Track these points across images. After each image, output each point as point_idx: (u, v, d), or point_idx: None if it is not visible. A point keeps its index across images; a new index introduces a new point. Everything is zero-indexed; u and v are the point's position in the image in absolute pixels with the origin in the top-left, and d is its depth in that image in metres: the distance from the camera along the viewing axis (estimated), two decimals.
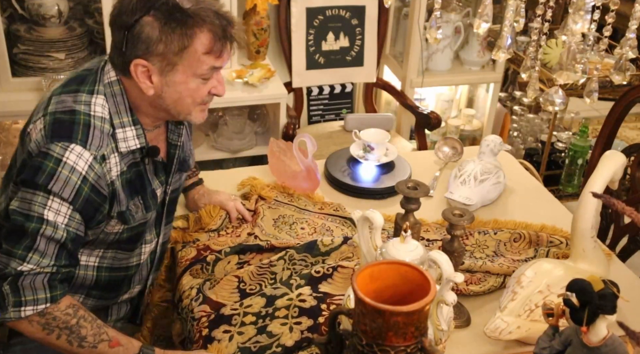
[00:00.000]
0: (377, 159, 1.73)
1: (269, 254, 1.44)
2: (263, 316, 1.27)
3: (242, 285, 1.36)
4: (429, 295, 0.86)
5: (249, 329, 1.25)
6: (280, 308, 1.28)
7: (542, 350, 1.02)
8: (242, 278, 1.37)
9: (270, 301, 1.30)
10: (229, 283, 1.36)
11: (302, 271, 1.38)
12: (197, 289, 1.35)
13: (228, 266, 1.41)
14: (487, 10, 1.07)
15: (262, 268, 1.39)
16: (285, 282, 1.35)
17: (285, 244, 1.45)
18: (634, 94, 1.80)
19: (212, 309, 1.30)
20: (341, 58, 2.74)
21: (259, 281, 1.37)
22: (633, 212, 0.99)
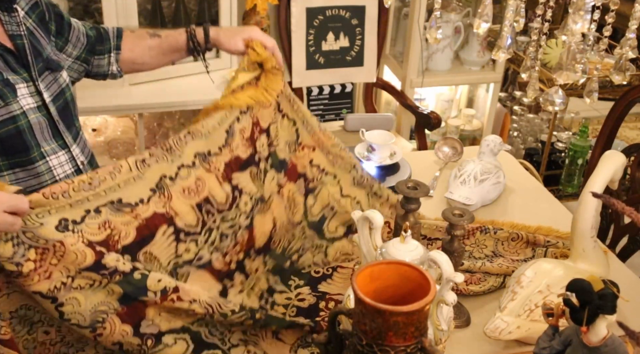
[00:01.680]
0: (380, 160, 1.73)
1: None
2: (265, 301, 1.26)
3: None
4: (429, 295, 0.86)
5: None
6: (278, 305, 1.27)
7: (542, 350, 1.02)
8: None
9: (271, 291, 1.28)
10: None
11: (304, 263, 1.35)
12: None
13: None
14: (487, 10, 1.07)
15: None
16: (284, 281, 1.33)
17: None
18: (634, 94, 1.80)
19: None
20: (341, 58, 2.75)
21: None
22: (633, 212, 0.99)
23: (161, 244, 1.12)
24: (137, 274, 1.06)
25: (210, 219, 1.19)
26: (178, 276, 1.14)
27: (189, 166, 1.17)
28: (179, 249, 1.14)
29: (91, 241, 1.02)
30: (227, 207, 1.22)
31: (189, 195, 1.16)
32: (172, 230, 1.13)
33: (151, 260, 1.10)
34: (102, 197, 1.05)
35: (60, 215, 1.00)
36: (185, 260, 1.15)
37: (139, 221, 1.09)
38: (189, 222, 1.16)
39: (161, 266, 1.12)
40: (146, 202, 1.10)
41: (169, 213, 1.12)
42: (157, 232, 1.11)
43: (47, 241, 0.98)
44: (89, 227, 1.03)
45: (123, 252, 1.06)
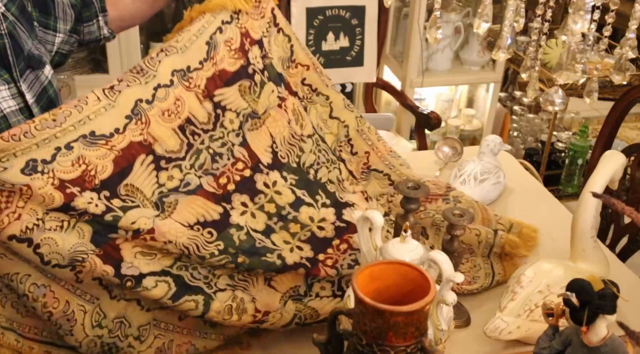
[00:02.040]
0: None
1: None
2: (279, 218, 1.16)
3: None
4: (429, 295, 0.86)
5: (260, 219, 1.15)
6: (297, 223, 1.17)
7: (542, 350, 1.02)
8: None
9: (297, 204, 1.18)
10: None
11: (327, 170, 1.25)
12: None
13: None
14: (487, 10, 1.07)
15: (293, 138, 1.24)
16: (311, 194, 1.21)
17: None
18: (634, 94, 1.80)
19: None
20: (341, 58, 2.75)
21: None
22: (633, 212, 0.99)
23: (140, 175, 1.03)
24: (108, 216, 0.99)
25: (197, 140, 1.10)
26: (165, 205, 1.06)
27: (166, 86, 1.07)
28: (161, 178, 1.06)
29: (63, 181, 0.95)
30: (211, 127, 1.12)
31: (169, 117, 1.07)
32: (151, 158, 1.05)
33: (134, 192, 1.03)
34: (72, 132, 0.97)
35: (28, 156, 0.93)
36: (171, 188, 1.07)
37: (115, 153, 1.00)
38: (171, 147, 1.07)
39: (145, 198, 1.04)
40: (122, 132, 1.01)
41: (147, 140, 1.04)
42: (135, 163, 1.03)
43: (13, 185, 0.92)
44: (61, 165, 0.95)
45: (101, 188, 0.99)
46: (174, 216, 1.06)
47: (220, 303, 1.09)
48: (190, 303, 1.07)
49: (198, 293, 1.08)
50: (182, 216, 1.06)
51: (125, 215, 1.00)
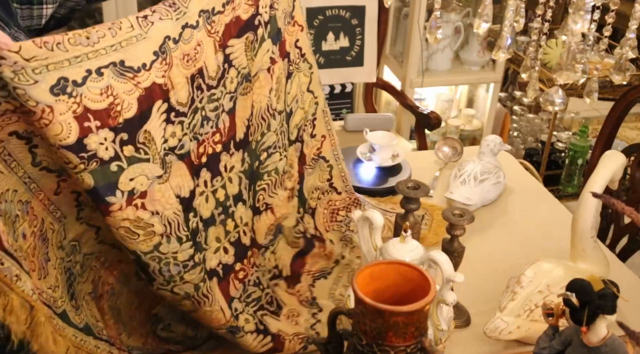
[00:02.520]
0: (380, 161, 1.73)
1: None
2: (223, 209, 1.12)
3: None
4: (429, 295, 0.86)
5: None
6: (233, 219, 1.13)
7: (542, 350, 1.02)
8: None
9: (237, 199, 1.14)
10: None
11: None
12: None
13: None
14: (487, 10, 1.07)
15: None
16: (249, 188, 1.17)
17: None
18: (634, 94, 1.80)
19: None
20: (341, 58, 2.75)
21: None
22: (633, 212, 0.99)
23: (155, 123, 0.98)
24: (114, 165, 0.92)
25: (199, 98, 1.05)
26: (166, 165, 1.00)
27: (192, 26, 1.01)
28: (167, 132, 1.00)
29: (88, 109, 0.89)
30: (215, 83, 1.07)
31: (187, 64, 1.01)
32: (165, 107, 0.99)
33: (150, 142, 0.97)
34: (103, 56, 0.90)
35: (60, 73, 0.86)
36: (171, 147, 1.01)
37: (140, 91, 0.94)
38: (181, 98, 1.01)
39: (157, 151, 0.98)
40: (148, 68, 0.96)
41: (166, 85, 0.98)
42: (153, 108, 0.97)
43: (36, 103, 0.84)
44: (90, 91, 0.89)
45: (122, 129, 0.92)
46: (171, 180, 1.00)
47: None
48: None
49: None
50: (173, 183, 1.01)
51: (128, 168, 0.93)
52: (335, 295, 1.31)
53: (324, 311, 1.26)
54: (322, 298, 1.29)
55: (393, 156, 1.75)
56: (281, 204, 1.25)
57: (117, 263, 1.11)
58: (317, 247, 1.32)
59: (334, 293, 1.32)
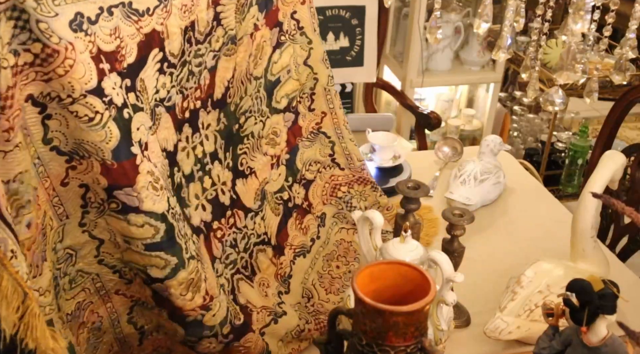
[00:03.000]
0: (381, 161, 1.73)
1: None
2: (201, 166, 1.10)
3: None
4: (429, 295, 0.86)
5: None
6: (210, 176, 1.12)
7: (542, 350, 1.02)
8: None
9: (213, 157, 1.12)
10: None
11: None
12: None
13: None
14: (487, 10, 1.07)
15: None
16: (226, 148, 1.16)
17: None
18: (634, 94, 1.80)
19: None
20: (341, 58, 2.75)
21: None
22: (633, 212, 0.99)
23: (150, 71, 0.95)
24: (125, 112, 0.88)
25: (188, 51, 1.03)
26: (155, 116, 0.98)
27: None
28: (159, 82, 0.97)
29: (101, 51, 0.85)
30: (202, 39, 1.05)
31: (183, 14, 0.99)
32: (160, 56, 0.96)
33: (144, 90, 0.94)
34: None
35: (77, 7, 0.82)
36: (161, 98, 0.99)
37: (141, 36, 0.92)
38: (173, 49, 0.99)
39: (148, 101, 0.95)
40: (151, 13, 0.93)
41: (164, 33, 0.96)
42: (150, 56, 0.94)
43: (59, 40, 0.79)
44: (102, 31, 0.85)
45: (126, 75, 0.90)
46: (158, 132, 0.98)
47: (187, 273, 0.98)
48: (160, 260, 0.95)
49: (175, 255, 0.96)
50: (160, 136, 0.99)
51: (135, 116, 0.90)
52: (307, 283, 1.30)
53: (290, 296, 1.25)
54: (295, 280, 1.28)
55: (394, 157, 1.75)
56: (262, 168, 1.23)
57: (114, 294, 1.03)
58: (293, 217, 1.30)
59: (307, 279, 1.30)
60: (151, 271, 0.96)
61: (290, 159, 1.32)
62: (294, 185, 1.33)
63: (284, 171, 1.30)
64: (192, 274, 0.98)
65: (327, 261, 1.37)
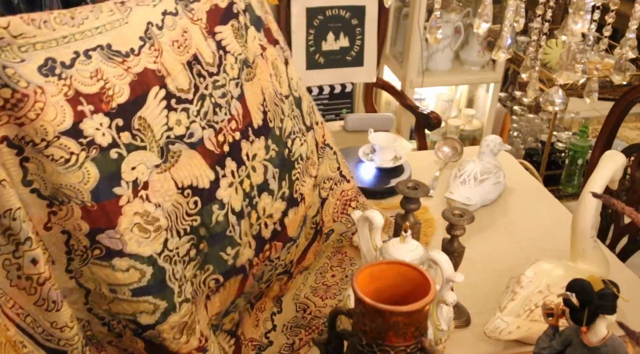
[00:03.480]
0: (381, 162, 1.73)
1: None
2: (249, 200, 1.07)
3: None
4: (429, 295, 0.86)
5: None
6: (256, 211, 1.09)
7: (542, 350, 1.02)
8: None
9: (261, 189, 1.09)
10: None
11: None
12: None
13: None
14: (487, 10, 1.07)
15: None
16: (281, 177, 1.13)
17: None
18: (634, 94, 1.80)
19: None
20: (341, 58, 2.75)
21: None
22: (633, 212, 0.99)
23: (153, 110, 0.94)
24: (113, 152, 0.88)
25: (202, 84, 1.01)
26: (169, 153, 0.96)
27: (172, 14, 0.99)
28: (170, 120, 0.96)
29: (80, 93, 0.85)
30: (215, 70, 1.03)
31: (178, 49, 0.98)
32: (163, 93, 0.95)
33: (145, 129, 0.92)
34: (90, 38, 0.88)
35: (47, 53, 0.83)
36: (177, 135, 0.96)
37: (131, 76, 0.91)
38: (181, 85, 0.98)
39: (154, 139, 0.93)
40: (137, 53, 0.93)
41: (161, 71, 0.95)
42: (149, 94, 0.93)
43: (28, 84, 0.80)
44: (80, 74, 0.86)
45: (117, 114, 0.89)
46: (175, 169, 0.96)
47: (179, 317, 0.96)
48: (148, 306, 0.93)
49: (165, 299, 0.94)
50: (181, 173, 0.97)
51: (128, 156, 0.89)
52: (299, 297, 1.26)
53: (283, 315, 1.22)
54: (287, 298, 1.24)
55: (395, 158, 1.75)
56: (309, 193, 1.20)
57: (107, 344, 0.99)
58: (317, 240, 1.28)
59: (299, 294, 1.26)
60: (141, 318, 0.93)
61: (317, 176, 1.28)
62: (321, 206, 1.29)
63: (318, 191, 1.26)
64: (185, 317, 0.97)
65: (321, 273, 1.34)
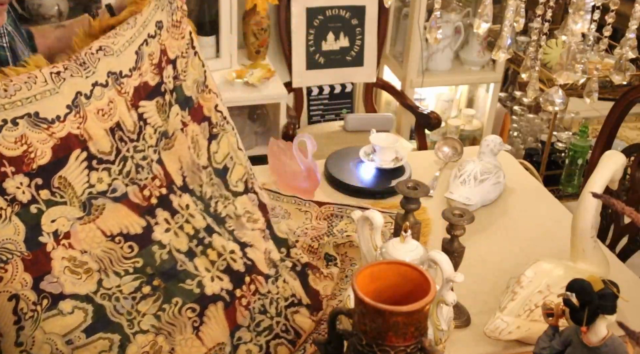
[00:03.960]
0: (381, 163, 1.73)
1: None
2: (198, 241, 1.18)
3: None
4: (429, 295, 0.86)
5: (182, 241, 1.16)
6: (214, 249, 1.19)
7: (542, 350, 1.02)
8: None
9: (209, 230, 1.20)
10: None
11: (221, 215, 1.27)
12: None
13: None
14: (487, 10, 1.07)
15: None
16: (219, 224, 1.24)
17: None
18: (634, 94, 1.80)
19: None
20: (341, 58, 2.75)
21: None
22: (633, 212, 0.99)
23: (74, 170, 1.04)
24: (33, 207, 0.98)
25: (124, 147, 1.11)
26: (92, 208, 1.06)
27: (102, 85, 1.09)
28: (92, 178, 1.06)
29: (3, 156, 0.95)
30: (135, 137, 1.13)
31: (102, 117, 1.08)
32: (85, 155, 1.05)
33: (65, 187, 1.03)
34: (19, 108, 0.97)
35: None
36: (100, 191, 1.07)
37: (54, 140, 1.01)
38: (103, 148, 1.07)
39: (75, 195, 1.04)
40: (62, 120, 1.02)
41: (83, 136, 1.05)
42: (71, 156, 1.03)
43: None
44: (5, 140, 0.95)
45: (37, 174, 0.99)
46: (100, 221, 1.06)
47: (137, 347, 1.05)
48: (104, 341, 1.03)
49: (116, 332, 1.04)
50: (107, 224, 1.07)
51: (48, 211, 1.00)
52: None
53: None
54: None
55: (396, 159, 1.74)
56: (257, 241, 1.30)
57: None
58: (310, 275, 1.34)
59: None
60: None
61: (272, 234, 1.36)
62: (291, 250, 1.37)
63: (272, 244, 1.35)
64: (145, 348, 1.06)
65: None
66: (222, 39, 2.52)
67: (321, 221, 1.55)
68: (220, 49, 2.54)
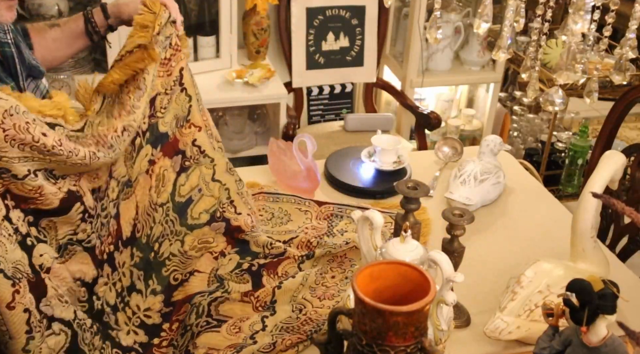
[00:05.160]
0: (381, 164, 1.73)
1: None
2: (121, 298, 1.27)
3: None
4: (429, 295, 0.86)
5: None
6: (130, 307, 1.29)
7: (542, 350, 1.02)
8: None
9: (130, 290, 1.30)
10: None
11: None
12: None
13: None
14: (487, 10, 1.07)
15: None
16: (146, 279, 1.33)
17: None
18: (634, 94, 1.80)
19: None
20: (341, 58, 2.75)
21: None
22: (633, 212, 0.99)
23: (70, 218, 1.15)
24: (28, 240, 1.09)
25: (99, 205, 1.22)
26: (66, 251, 1.17)
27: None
28: (80, 228, 1.17)
29: (12, 193, 1.06)
30: (103, 195, 1.23)
31: (93, 179, 1.20)
32: (82, 208, 1.16)
33: (50, 229, 1.14)
34: (41, 162, 1.08)
35: (5, 164, 1.03)
36: (79, 239, 1.18)
37: (62, 194, 1.12)
38: (90, 204, 1.18)
39: (56, 238, 1.15)
40: (65, 177, 1.14)
41: (79, 191, 1.16)
42: (73, 208, 1.15)
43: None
44: (24, 186, 1.06)
45: (30, 213, 1.10)
46: (69, 264, 1.17)
47: None
48: None
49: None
50: (73, 267, 1.17)
51: (37, 246, 1.10)
52: (297, 298, 1.33)
53: (276, 316, 1.30)
54: (282, 303, 1.33)
55: (397, 162, 1.74)
56: (206, 265, 1.39)
57: None
58: (265, 274, 1.39)
59: (297, 296, 1.34)
60: None
61: (241, 249, 1.43)
62: (256, 259, 1.42)
63: (236, 257, 1.43)
64: None
65: (321, 274, 1.40)
66: (222, 39, 2.52)
67: (321, 221, 1.55)
68: (220, 49, 2.54)
